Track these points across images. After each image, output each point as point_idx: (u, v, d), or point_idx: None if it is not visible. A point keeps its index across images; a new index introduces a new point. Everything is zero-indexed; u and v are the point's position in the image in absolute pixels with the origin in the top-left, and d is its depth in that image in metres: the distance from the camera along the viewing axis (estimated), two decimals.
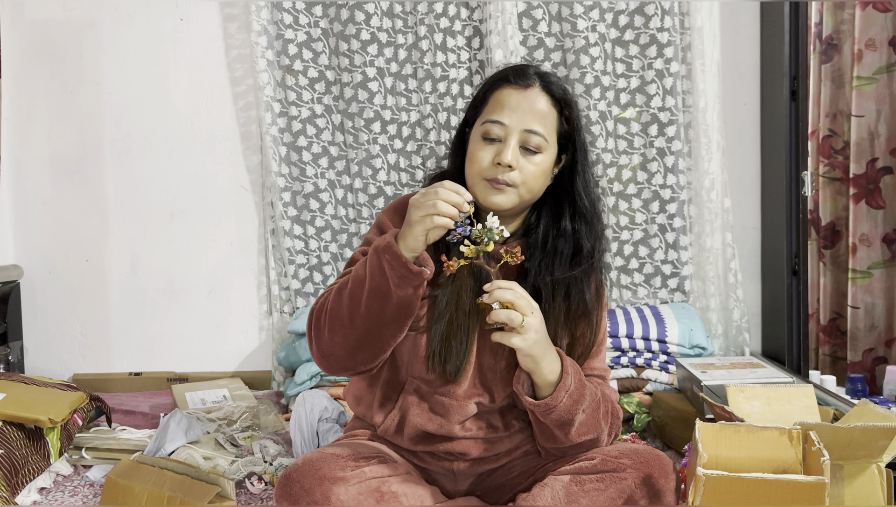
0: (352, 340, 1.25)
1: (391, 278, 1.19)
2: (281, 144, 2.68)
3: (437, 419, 1.36)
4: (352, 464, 1.25)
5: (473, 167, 1.32)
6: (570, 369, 1.27)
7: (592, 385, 1.32)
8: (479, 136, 1.33)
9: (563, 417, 1.26)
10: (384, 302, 1.21)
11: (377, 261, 1.21)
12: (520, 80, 1.33)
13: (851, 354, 2.63)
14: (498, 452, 1.39)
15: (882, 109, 2.58)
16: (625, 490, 1.24)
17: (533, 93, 1.33)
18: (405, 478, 1.30)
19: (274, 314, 2.75)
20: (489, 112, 1.33)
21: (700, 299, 2.67)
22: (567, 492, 1.25)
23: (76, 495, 1.87)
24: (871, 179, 2.60)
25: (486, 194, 1.31)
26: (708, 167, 2.59)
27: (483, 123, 1.33)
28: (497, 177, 1.30)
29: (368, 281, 1.21)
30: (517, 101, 1.32)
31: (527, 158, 1.31)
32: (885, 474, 1.31)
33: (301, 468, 1.24)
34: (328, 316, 1.26)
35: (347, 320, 1.24)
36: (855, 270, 2.61)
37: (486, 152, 1.31)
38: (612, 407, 1.37)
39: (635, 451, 1.29)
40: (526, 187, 1.31)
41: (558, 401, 1.24)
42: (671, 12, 2.59)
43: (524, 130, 1.31)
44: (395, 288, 1.20)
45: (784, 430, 1.27)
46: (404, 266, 1.18)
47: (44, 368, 2.79)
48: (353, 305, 1.23)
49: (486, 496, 1.42)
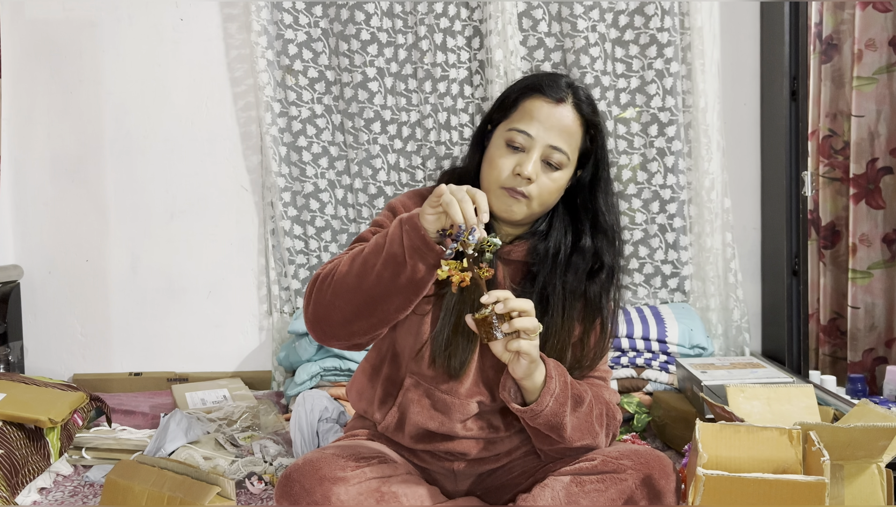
0: (354, 304, 1.23)
1: (408, 248, 1.18)
2: (281, 144, 2.68)
3: (439, 417, 1.36)
4: (352, 464, 1.25)
5: (493, 173, 1.32)
6: (554, 372, 1.27)
7: (582, 388, 1.32)
8: (503, 141, 1.33)
9: (552, 420, 1.26)
10: (397, 271, 1.20)
11: (398, 231, 1.20)
12: (552, 94, 1.32)
13: (851, 354, 2.63)
14: (498, 452, 1.39)
15: (882, 109, 2.58)
16: (625, 491, 1.24)
17: (564, 109, 1.32)
18: (405, 478, 1.30)
19: (274, 314, 2.75)
20: (516, 120, 1.32)
21: (700, 299, 2.67)
22: (567, 493, 1.25)
23: (76, 495, 1.87)
24: (871, 179, 2.60)
25: (501, 202, 1.31)
26: (708, 167, 2.59)
27: (509, 130, 1.32)
28: (515, 187, 1.30)
29: (387, 247, 1.20)
30: (547, 115, 1.31)
31: (546, 174, 1.31)
32: (885, 474, 1.31)
33: (301, 468, 1.24)
34: (335, 279, 1.24)
35: (355, 283, 1.22)
36: (855, 270, 2.61)
37: (507, 161, 1.31)
38: (608, 408, 1.37)
39: (636, 452, 1.29)
40: (539, 200, 1.32)
41: (544, 405, 1.25)
42: (671, 12, 2.59)
43: (549, 145, 1.31)
44: (409, 259, 1.19)
45: (784, 430, 1.27)
46: (422, 238, 1.17)
47: (44, 368, 2.79)
48: (364, 270, 1.22)
49: (486, 496, 1.42)
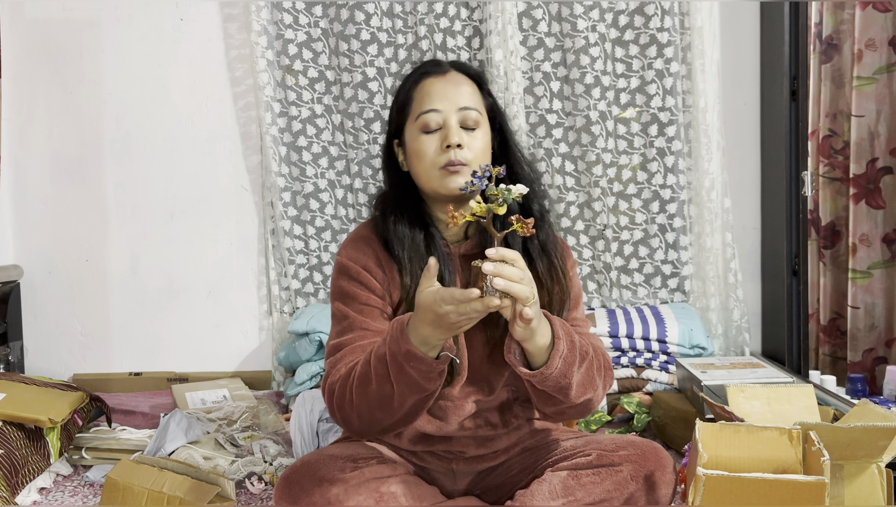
0: (388, 424, 1.26)
1: (421, 380, 1.18)
2: (281, 144, 2.68)
3: (436, 422, 1.36)
4: (350, 465, 1.25)
5: (424, 162, 1.33)
6: (561, 331, 1.23)
7: (585, 341, 1.29)
8: (418, 132, 1.34)
9: (560, 382, 1.22)
10: (418, 395, 1.20)
11: (400, 368, 1.17)
12: (437, 70, 1.37)
13: (851, 354, 2.63)
14: (496, 449, 1.39)
15: (882, 109, 2.58)
16: (620, 482, 1.26)
17: (453, 75, 1.37)
18: (404, 478, 1.30)
19: (274, 314, 2.75)
20: (419, 106, 1.35)
21: (700, 299, 2.67)
22: (564, 486, 1.26)
23: (76, 495, 1.87)
24: (871, 179, 2.60)
25: (445, 182, 1.31)
26: (708, 167, 2.59)
27: (418, 118, 1.34)
28: (451, 160, 1.31)
29: (397, 388, 1.19)
30: (442, 86, 1.35)
31: (470, 136, 1.33)
32: (885, 474, 1.31)
33: (299, 470, 1.25)
34: (358, 412, 1.25)
35: (381, 414, 1.24)
36: (855, 270, 2.61)
37: (431, 143, 1.33)
38: (604, 359, 1.34)
39: (632, 443, 1.30)
40: (477, 162, 1.32)
41: (553, 368, 1.21)
42: (671, 12, 2.59)
43: (459, 108, 1.33)
44: (426, 383, 1.19)
45: (784, 430, 1.27)
46: (431, 367, 1.16)
47: (44, 368, 2.79)
48: (384, 406, 1.22)
49: (485, 495, 1.42)
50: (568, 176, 2.69)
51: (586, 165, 2.65)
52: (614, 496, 1.25)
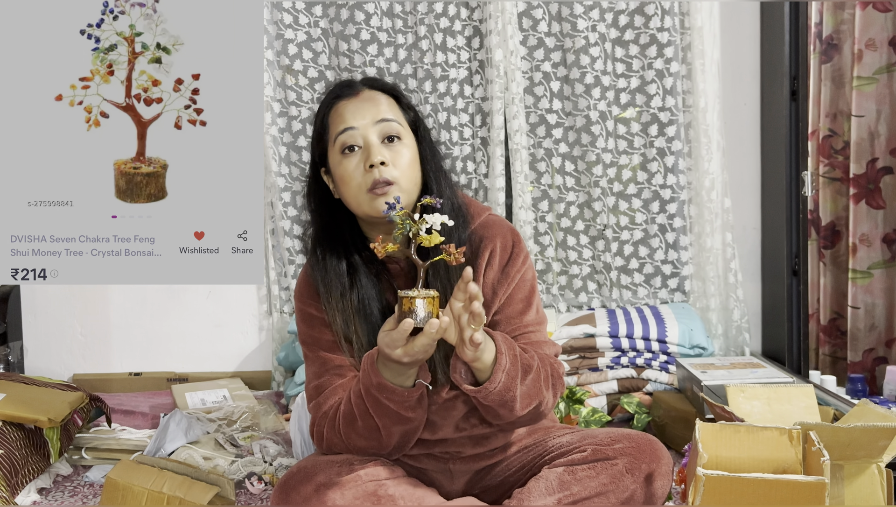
0: (385, 454, 1.31)
1: (399, 411, 1.22)
2: (281, 144, 2.68)
3: (430, 427, 1.36)
4: (346, 468, 1.26)
5: (351, 186, 1.30)
6: (503, 346, 1.23)
7: (529, 354, 1.28)
8: (339, 155, 1.31)
9: (504, 396, 1.23)
10: (403, 425, 1.25)
11: (376, 401, 1.22)
12: (349, 91, 1.34)
13: (851, 354, 2.63)
14: (493, 447, 1.40)
15: (882, 109, 2.58)
16: (616, 475, 1.26)
17: (367, 93, 1.34)
18: (401, 480, 1.30)
19: (274, 314, 2.75)
20: (335, 128, 1.32)
21: (700, 299, 2.67)
22: (560, 481, 1.27)
23: (76, 495, 1.87)
24: (871, 179, 2.60)
25: (374, 204, 1.28)
26: (708, 167, 2.59)
27: (336, 140, 1.31)
28: (375, 179, 1.27)
29: (380, 422, 1.24)
30: (355, 105, 1.32)
31: (393, 151, 1.30)
32: (885, 474, 1.31)
33: (296, 475, 1.26)
34: (353, 453, 1.30)
35: (379, 448, 1.29)
36: (855, 270, 2.61)
37: (353, 164, 1.29)
38: (552, 369, 1.32)
39: (627, 436, 1.31)
40: (405, 178, 1.30)
41: (497, 382, 1.21)
42: (671, 12, 2.59)
43: (376, 121, 1.30)
44: (406, 412, 1.23)
45: (784, 430, 1.27)
46: (404, 397, 1.21)
47: (44, 368, 2.79)
48: (374, 439, 1.27)
49: (484, 494, 1.42)
50: (568, 176, 2.69)
51: (586, 165, 2.65)
52: (610, 490, 1.26)
